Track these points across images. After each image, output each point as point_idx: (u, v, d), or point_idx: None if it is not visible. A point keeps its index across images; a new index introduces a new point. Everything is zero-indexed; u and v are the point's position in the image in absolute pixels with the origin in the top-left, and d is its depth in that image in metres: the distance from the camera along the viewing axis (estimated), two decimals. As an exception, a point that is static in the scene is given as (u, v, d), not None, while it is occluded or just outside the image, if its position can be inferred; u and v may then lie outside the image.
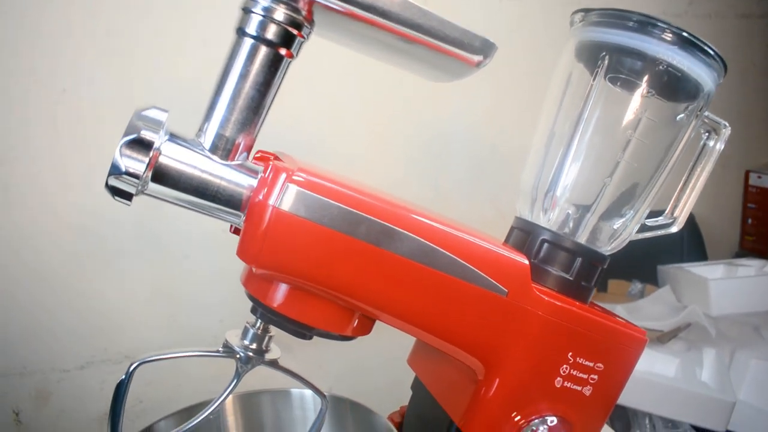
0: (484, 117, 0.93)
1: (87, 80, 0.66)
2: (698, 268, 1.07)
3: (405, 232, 0.38)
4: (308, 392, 0.62)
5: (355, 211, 0.37)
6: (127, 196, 0.35)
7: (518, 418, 0.42)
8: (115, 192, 0.35)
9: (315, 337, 0.41)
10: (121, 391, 0.39)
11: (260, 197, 0.36)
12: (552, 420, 0.43)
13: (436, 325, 0.40)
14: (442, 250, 0.38)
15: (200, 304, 0.76)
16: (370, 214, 0.37)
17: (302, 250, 0.37)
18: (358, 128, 0.83)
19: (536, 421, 0.42)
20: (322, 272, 0.37)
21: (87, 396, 0.71)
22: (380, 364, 0.80)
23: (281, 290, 0.39)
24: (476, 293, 0.40)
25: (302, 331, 0.40)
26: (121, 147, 0.34)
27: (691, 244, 1.21)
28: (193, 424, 0.40)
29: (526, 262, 0.41)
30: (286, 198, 0.36)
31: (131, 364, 0.39)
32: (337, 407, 0.61)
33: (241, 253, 0.37)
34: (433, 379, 0.50)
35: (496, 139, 0.94)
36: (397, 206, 0.38)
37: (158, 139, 0.35)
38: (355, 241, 0.37)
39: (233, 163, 0.38)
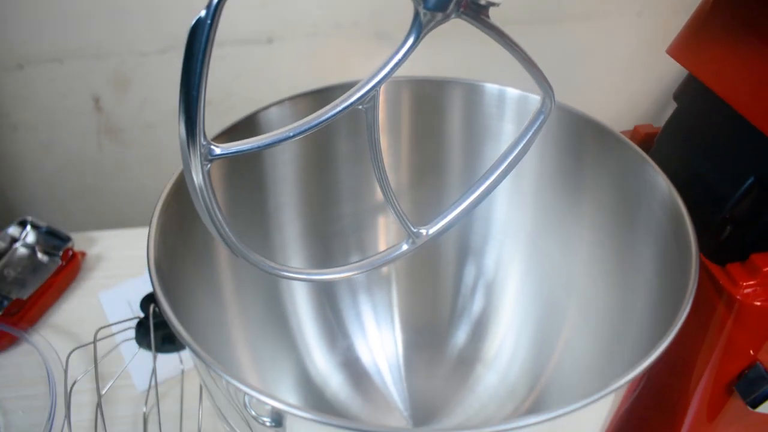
0: None
1: None
2: None
3: None
4: (513, 93, 0.43)
5: None
6: None
7: None
8: None
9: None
10: (199, 37, 0.20)
11: None
12: None
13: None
14: None
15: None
16: None
17: None
18: None
19: None
20: None
21: (170, 85, 0.60)
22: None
23: None
24: None
25: None
26: None
27: None
28: (326, 117, 0.24)
29: None
30: None
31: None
32: (557, 117, 0.41)
33: None
34: (731, 84, 0.34)
35: None
36: None
37: None
38: None
39: None
